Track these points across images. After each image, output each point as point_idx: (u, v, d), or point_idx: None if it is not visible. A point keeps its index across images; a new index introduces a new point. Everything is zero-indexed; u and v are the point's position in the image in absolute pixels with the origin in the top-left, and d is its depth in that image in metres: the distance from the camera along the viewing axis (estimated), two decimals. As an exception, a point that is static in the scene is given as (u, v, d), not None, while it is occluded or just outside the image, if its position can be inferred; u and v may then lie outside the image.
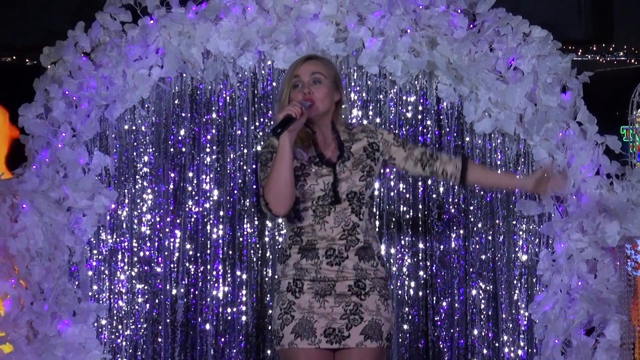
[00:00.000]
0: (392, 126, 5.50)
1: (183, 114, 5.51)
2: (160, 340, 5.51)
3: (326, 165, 3.89)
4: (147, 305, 5.50)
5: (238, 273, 5.55)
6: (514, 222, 5.43)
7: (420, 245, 5.56)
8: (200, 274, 5.55)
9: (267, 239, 5.57)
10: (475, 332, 5.50)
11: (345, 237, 3.87)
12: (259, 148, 5.50)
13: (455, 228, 5.55)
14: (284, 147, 3.74)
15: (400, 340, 5.52)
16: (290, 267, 3.90)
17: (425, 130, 5.52)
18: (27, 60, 5.86)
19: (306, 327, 3.82)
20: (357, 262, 3.87)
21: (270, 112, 5.48)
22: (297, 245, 3.90)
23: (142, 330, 5.49)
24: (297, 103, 3.79)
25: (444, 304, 5.54)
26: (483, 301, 5.50)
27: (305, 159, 3.90)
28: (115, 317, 5.45)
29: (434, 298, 5.56)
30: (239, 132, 5.52)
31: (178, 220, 5.54)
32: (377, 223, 5.49)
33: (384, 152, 4.02)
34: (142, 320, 5.49)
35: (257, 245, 5.57)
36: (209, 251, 5.54)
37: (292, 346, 3.82)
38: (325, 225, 3.86)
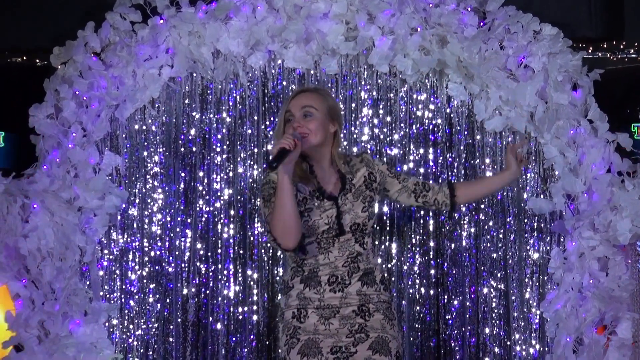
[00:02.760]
0: (402, 124, 5.50)
1: (193, 114, 5.51)
2: (171, 339, 5.51)
3: (328, 199, 3.90)
4: (158, 304, 5.51)
5: (249, 272, 5.56)
6: (525, 220, 5.42)
7: (431, 244, 5.56)
8: (211, 274, 5.56)
9: (277, 238, 5.57)
10: (487, 330, 5.49)
11: (348, 264, 3.89)
12: (269, 147, 5.50)
13: (466, 226, 5.54)
14: (282, 180, 3.73)
15: (411, 339, 5.51)
16: (293, 298, 3.92)
17: (435, 129, 5.52)
18: (37, 61, 5.86)
19: (312, 347, 3.82)
20: (360, 288, 3.89)
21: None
22: (299, 276, 3.92)
23: (154, 330, 5.50)
24: (290, 135, 3.78)
25: (455, 302, 5.54)
26: (494, 299, 5.49)
27: (306, 192, 3.91)
28: (126, 317, 5.46)
29: (445, 296, 5.55)
30: (250, 131, 5.52)
31: (189, 220, 5.55)
32: (388, 222, 5.49)
33: (380, 182, 4.04)
34: (153, 319, 5.50)
35: (268, 245, 5.56)
36: (219, 250, 5.55)
37: None
38: (329, 255, 3.88)
